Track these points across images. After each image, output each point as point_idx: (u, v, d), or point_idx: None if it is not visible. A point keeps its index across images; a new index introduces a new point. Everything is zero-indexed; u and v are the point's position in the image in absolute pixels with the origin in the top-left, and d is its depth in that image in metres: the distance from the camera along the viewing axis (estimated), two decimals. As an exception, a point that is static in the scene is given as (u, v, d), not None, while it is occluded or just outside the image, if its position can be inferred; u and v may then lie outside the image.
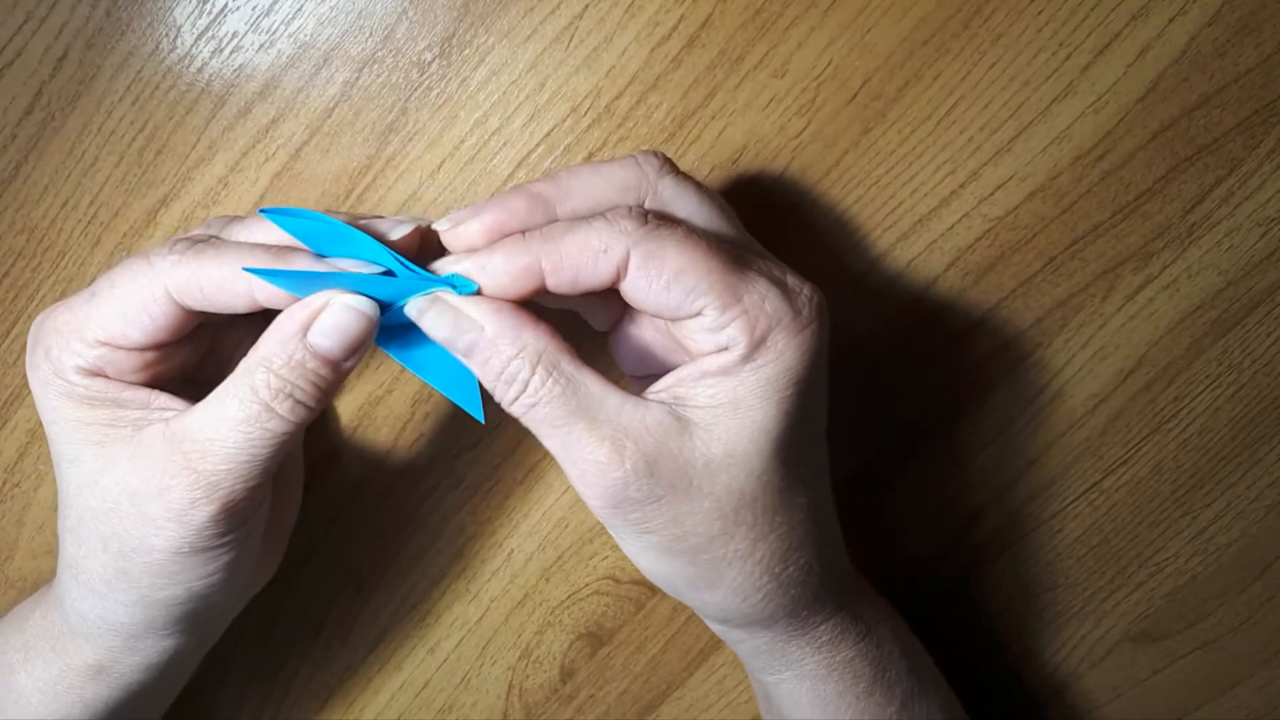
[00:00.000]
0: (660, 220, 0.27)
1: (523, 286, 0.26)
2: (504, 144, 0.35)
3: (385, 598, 0.40)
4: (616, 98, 0.34)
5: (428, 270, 0.27)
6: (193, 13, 0.33)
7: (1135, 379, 0.38)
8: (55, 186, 0.35)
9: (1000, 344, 0.38)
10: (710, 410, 0.27)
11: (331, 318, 0.26)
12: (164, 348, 0.28)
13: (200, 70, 0.34)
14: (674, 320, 0.27)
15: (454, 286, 0.27)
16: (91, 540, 0.28)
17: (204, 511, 0.27)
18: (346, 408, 0.38)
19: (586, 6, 0.33)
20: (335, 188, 0.35)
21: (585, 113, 0.34)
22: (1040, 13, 0.33)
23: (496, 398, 0.27)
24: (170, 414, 0.28)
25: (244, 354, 0.28)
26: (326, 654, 0.41)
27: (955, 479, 0.40)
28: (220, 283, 0.27)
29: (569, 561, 0.40)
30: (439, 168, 0.35)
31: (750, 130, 0.35)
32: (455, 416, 0.38)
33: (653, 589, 0.40)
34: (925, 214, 0.36)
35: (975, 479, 0.40)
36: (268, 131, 0.34)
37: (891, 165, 0.35)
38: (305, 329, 0.26)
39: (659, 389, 0.28)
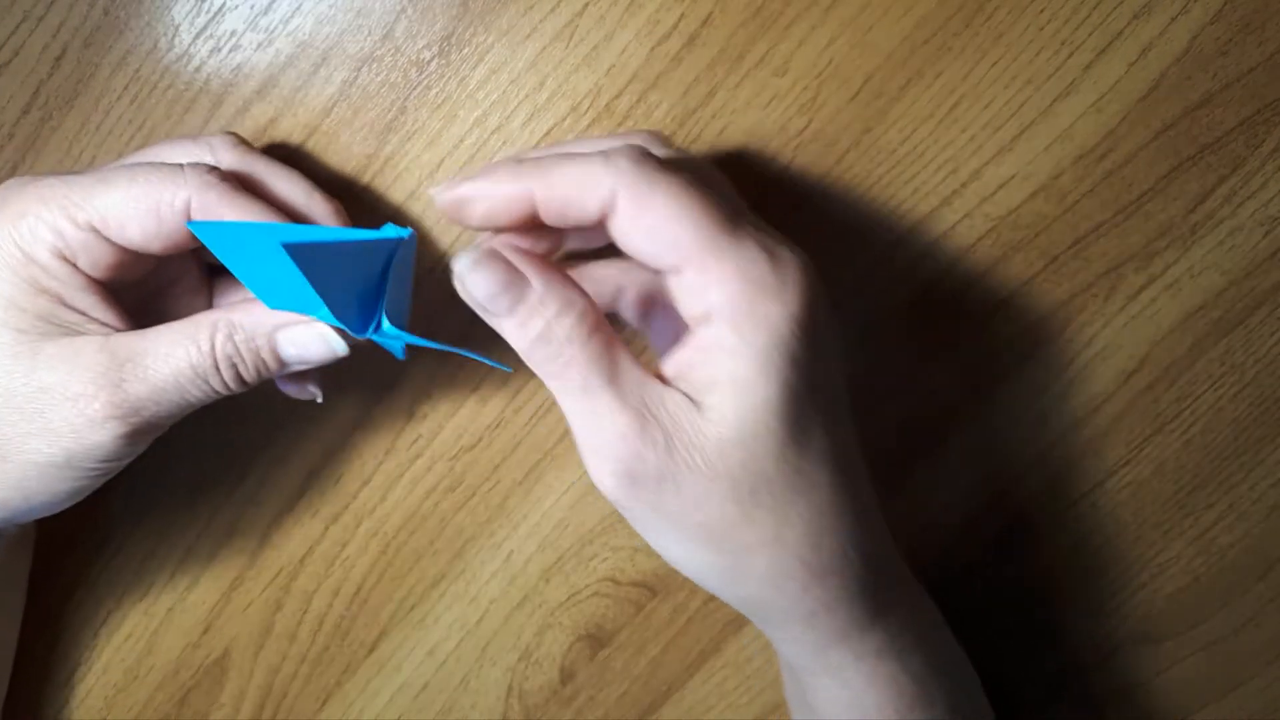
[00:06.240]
0: (659, 164, 0.26)
1: (513, 212, 0.27)
2: (503, 143, 0.34)
3: (384, 599, 0.40)
4: (616, 96, 0.34)
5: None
6: (191, 11, 0.33)
7: (1137, 379, 0.38)
8: (52, 186, 0.34)
9: (1002, 344, 0.38)
10: (714, 390, 0.26)
11: (305, 334, 0.28)
12: (135, 259, 0.29)
13: (198, 69, 0.33)
14: (656, 272, 0.27)
15: (397, 237, 0.27)
16: None
17: (108, 432, 0.27)
18: (346, 408, 0.37)
19: (586, 4, 0.33)
20: (334, 187, 0.35)
21: (585, 111, 0.34)
22: (1042, 11, 0.33)
23: (529, 358, 0.27)
24: (107, 330, 0.28)
25: (176, 293, 0.31)
26: (326, 655, 0.40)
27: (956, 479, 0.40)
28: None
29: (569, 563, 0.40)
30: (438, 166, 0.35)
31: (751, 129, 0.34)
32: (455, 417, 0.38)
33: (653, 590, 0.40)
34: (926, 213, 0.36)
35: (976, 480, 0.40)
36: (266, 131, 0.34)
37: (893, 164, 0.35)
38: (279, 328, 0.28)
39: (667, 370, 0.27)
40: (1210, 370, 0.38)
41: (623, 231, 0.26)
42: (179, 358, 0.28)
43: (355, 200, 0.35)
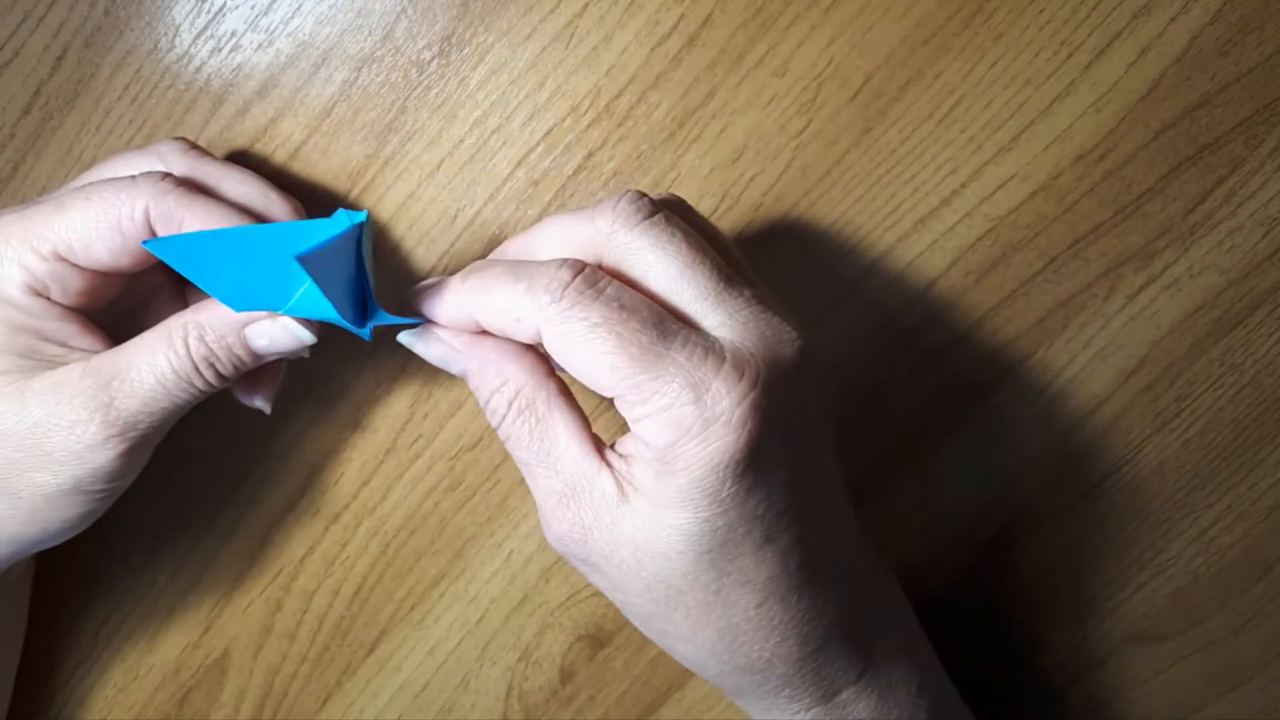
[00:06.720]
0: (583, 291, 0.25)
1: (465, 326, 0.28)
2: (503, 143, 0.34)
3: (384, 599, 0.40)
4: (616, 96, 0.34)
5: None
6: (191, 11, 0.33)
7: (1137, 379, 0.38)
8: (53, 185, 0.34)
9: (1001, 344, 0.38)
10: (640, 495, 0.26)
11: (272, 327, 0.28)
12: (107, 279, 0.29)
13: (199, 69, 0.33)
14: None
15: (358, 223, 0.27)
16: None
17: (109, 451, 0.28)
18: (345, 409, 0.37)
19: (586, 5, 0.33)
20: (334, 188, 0.35)
21: (585, 111, 0.34)
22: (1042, 11, 0.33)
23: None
24: (88, 354, 0.28)
25: (155, 305, 0.31)
26: (326, 655, 0.40)
27: (957, 479, 0.40)
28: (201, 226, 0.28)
29: (569, 562, 0.40)
30: (438, 167, 0.35)
31: (751, 129, 0.34)
32: (455, 417, 0.38)
33: (653, 590, 0.40)
34: (926, 213, 0.36)
35: (976, 480, 0.40)
36: (266, 131, 0.34)
37: (893, 164, 0.35)
38: (246, 323, 0.28)
39: (623, 449, 0.27)
40: (1210, 370, 0.38)
41: (556, 360, 0.26)
42: (161, 365, 0.28)
43: (355, 201, 0.35)
